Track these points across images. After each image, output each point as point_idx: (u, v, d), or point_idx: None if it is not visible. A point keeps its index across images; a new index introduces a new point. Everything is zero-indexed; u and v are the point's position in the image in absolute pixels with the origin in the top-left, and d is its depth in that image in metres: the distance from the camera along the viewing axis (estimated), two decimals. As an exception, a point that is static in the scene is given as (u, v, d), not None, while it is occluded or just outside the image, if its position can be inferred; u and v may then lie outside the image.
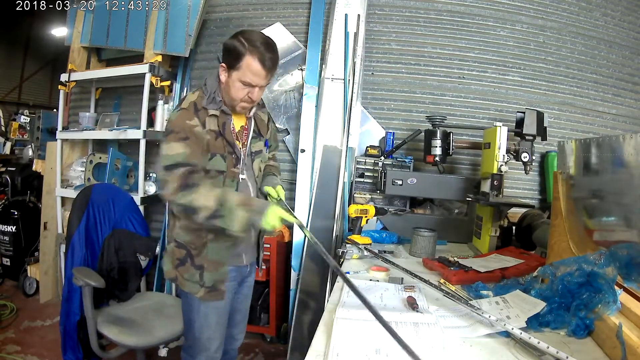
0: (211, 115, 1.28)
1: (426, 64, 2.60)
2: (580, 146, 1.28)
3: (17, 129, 4.94)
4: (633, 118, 2.64)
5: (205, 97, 1.29)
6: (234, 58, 1.23)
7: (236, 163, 1.34)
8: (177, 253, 1.35)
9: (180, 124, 1.23)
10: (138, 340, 1.61)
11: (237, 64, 1.22)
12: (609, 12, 2.60)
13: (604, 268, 1.00)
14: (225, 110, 1.31)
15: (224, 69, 1.27)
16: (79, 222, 1.76)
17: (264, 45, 1.23)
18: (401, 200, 2.28)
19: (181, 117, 1.25)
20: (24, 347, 2.30)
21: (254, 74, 1.23)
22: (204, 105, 1.28)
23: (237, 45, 1.22)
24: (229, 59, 1.25)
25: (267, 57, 1.23)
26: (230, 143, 1.32)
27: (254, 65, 1.22)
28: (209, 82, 1.32)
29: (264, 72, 1.24)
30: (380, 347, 0.88)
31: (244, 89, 1.26)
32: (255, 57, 1.21)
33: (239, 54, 1.22)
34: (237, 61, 1.22)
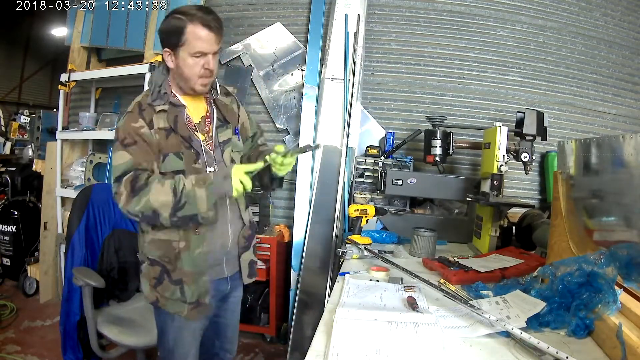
0: (159, 111, 1.19)
1: (426, 64, 2.60)
2: (580, 146, 1.28)
3: (17, 129, 4.94)
4: (633, 118, 2.64)
5: (150, 94, 1.21)
6: (175, 35, 1.15)
7: (197, 158, 1.22)
8: (152, 272, 1.23)
9: (125, 129, 1.15)
10: (138, 340, 1.61)
11: (181, 39, 1.14)
12: (609, 12, 2.60)
13: (604, 268, 1.00)
14: (174, 102, 1.21)
15: (168, 53, 1.18)
16: (79, 222, 1.76)
17: (201, 10, 1.16)
18: (401, 200, 2.28)
19: (126, 121, 1.17)
20: (24, 347, 2.30)
21: (203, 40, 1.14)
22: (149, 103, 1.19)
23: (173, 22, 1.15)
24: (171, 39, 1.16)
25: (210, 19, 1.15)
26: (185, 138, 1.21)
27: (199, 31, 1.14)
28: (154, 78, 1.24)
29: (212, 34, 1.15)
30: (380, 347, 0.87)
31: (198, 62, 1.16)
32: (198, 23, 1.13)
33: (178, 28, 1.14)
34: (180, 36, 1.14)
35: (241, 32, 2.74)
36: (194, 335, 1.30)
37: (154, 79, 1.24)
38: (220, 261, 1.30)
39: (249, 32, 2.72)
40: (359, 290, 1.24)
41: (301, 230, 2.37)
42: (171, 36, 1.16)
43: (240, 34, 2.73)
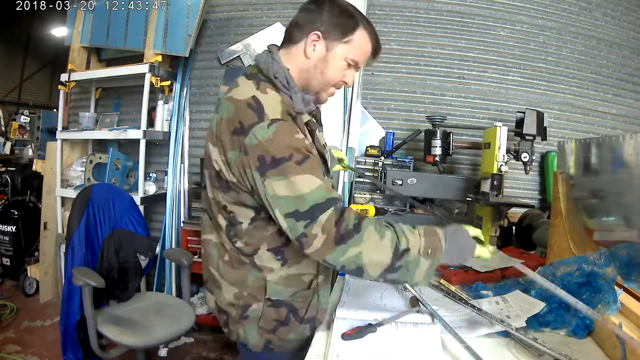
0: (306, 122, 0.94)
1: (426, 64, 2.60)
2: (580, 146, 1.28)
3: (17, 129, 4.94)
4: (633, 118, 2.64)
5: (295, 97, 0.92)
6: (345, 27, 0.93)
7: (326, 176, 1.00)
8: (273, 314, 0.97)
9: (289, 143, 0.84)
10: (138, 340, 1.61)
11: (349, 36, 0.94)
12: (609, 12, 2.60)
13: (604, 268, 1.00)
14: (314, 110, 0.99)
15: (317, 38, 0.93)
16: (79, 222, 1.76)
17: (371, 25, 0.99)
18: (401, 200, 2.28)
19: (283, 132, 0.84)
20: (24, 347, 2.29)
21: (366, 54, 0.97)
22: (299, 110, 0.92)
23: (350, 10, 0.94)
24: (336, 26, 0.93)
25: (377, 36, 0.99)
26: (321, 154, 0.97)
27: (368, 42, 0.96)
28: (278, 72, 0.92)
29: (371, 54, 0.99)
30: (380, 348, 0.87)
31: (346, 69, 0.97)
32: (371, 33, 0.96)
33: (353, 22, 0.94)
34: (350, 32, 0.93)
35: (241, 32, 2.74)
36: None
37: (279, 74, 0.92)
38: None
39: (249, 32, 2.72)
40: (359, 290, 1.24)
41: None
42: (339, 23, 0.93)
43: (240, 34, 2.73)
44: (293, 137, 0.85)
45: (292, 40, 0.97)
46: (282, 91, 0.92)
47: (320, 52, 0.94)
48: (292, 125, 0.87)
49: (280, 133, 0.84)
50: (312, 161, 0.85)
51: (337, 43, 0.94)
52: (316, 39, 0.93)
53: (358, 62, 0.97)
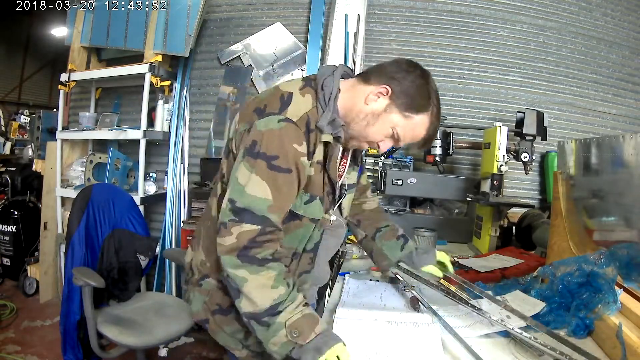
0: (323, 141, 0.92)
1: (426, 64, 2.57)
2: (580, 146, 1.28)
3: (17, 129, 4.94)
4: (633, 118, 2.64)
5: (324, 113, 0.90)
6: (414, 102, 0.91)
7: (329, 207, 1.01)
8: (218, 298, 0.99)
9: (283, 145, 0.84)
10: (138, 340, 1.61)
11: (411, 113, 0.91)
12: (609, 12, 2.60)
13: (604, 268, 1.00)
14: (341, 136, 0.93)
15: (384, 94, 0.91)
16: (78, 222, 1.76)
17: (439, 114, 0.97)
18: (401, 200, 2.28)
19: (287, 133, 0.85)
20: (24, 347, 2.29)
21: (413, 138, 0.95)
22: (320, 126, 0.89)
23: (429, 91, 0.93)
24: (406, 96, 0.90)
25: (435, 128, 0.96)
26: (332, 180, 0.97)
27: (422, 130, 0.94)
28: (327, 85, 0.92)
29: (421, 140, 0.96)
30: (380, 348, 0.88)
31: (387, 137, 0.94)
32: (430, 123, 0.94)
33: (423, 103, 0.92)
34: (414, 110, 0.91)
35: (241, 32, 2.74)
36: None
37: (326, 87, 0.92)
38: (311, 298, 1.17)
39: (249, 32, 2.72)
40: (359, 290, 1.24)
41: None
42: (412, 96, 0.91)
43: (240, 34, 2.73)
44: (290, 145, 0.85)
45: (365, 79, 0.95)
46: (320, 103, 0.91)
47: (378, 106, 0.92)
48: (299, 133, 0.86)
49: (283, 133, 0.85)
50: (285, 176, 0.85)
51: (397, 110, 0.92)
52: (384, 93, 0.92)
53: (402, 139, 0.95)
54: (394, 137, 0.94)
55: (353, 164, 1.10)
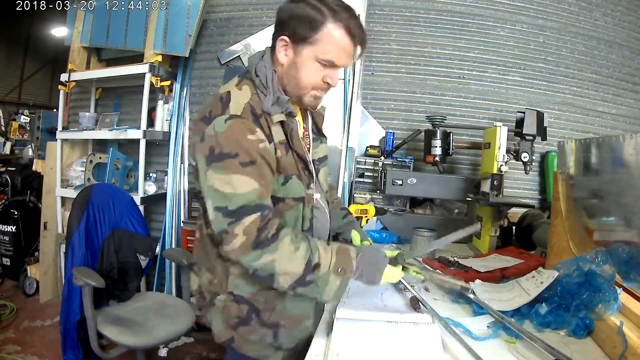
0: (277, 122, 0.93)
1: (426, 64, 2.60)
2: (580, 146, 1.28)
3: (17, 129, 4.95)
4: (633, 118, 2.64)
5: (264, 96, 0.92)
6: (307, 26, 0.88)
7: (309, 182, 1.00)
8: (234, 310, 0.97)
9: (239, 141, 0.86)
10: (138, 340, 1.61)
11: (313, 35, 0.88)
12: (609, 12, 2.60)
13: (602, 266, 1.00)
14: (292, 111, 0.95)
15: (285, 44, 0.92)
16: (78, 222, 1.76)
17: (347, 11, 0.90)
18: (401, 200, 2.28)
19: (237, 129, 0.86)
20: (24, 347, 2.30)
21: (340, 50, 0.90)
22: (266, 109, 0.91)
23: (310, 10, 0.88)
24: (299, 28, 0.89)
25: (358, 30, 0.91)
26: (301, 156, 0.97)
27: (342, 37, 0.89)
28: (260, 70, 0.94)
29: (351, 47, 0.91)
30: (380, 348, 0.87)
31: (321, 71, 0.92)
32: (342, 27, 0.88)
33: (316, 21, 0.88)
34: (314, 31, 0.88)
35: (241, 32, 2.74)
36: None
37: (261, 73, 0.94)
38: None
39: (249, 32, 2.72)
40: (359, 290, 1.24)
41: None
42: (300, 25, 0.89)
43: (240, 34, 2.73)
44: (244, 137, 0.86)
45: (273, 46, 0.97)
46: (259, 89, 0.93)
47: (290, 57, 0.93)
48: (248, 124, 0.88)
49: (233, 130, 0.86)
50: (256, 166, 0.87)
51: (303, 45, 0.91)
52: (284, 44, 0.93)
53: (333, 60, 0.92)
54: (326, 66, 0.93)
55: (318, 137, 1.10)
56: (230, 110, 0.89)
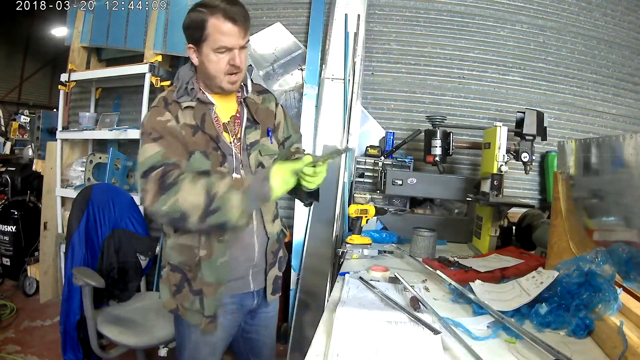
0: (185, 107, 1.12)
1: (426, 64, 2.60)
2: (580, 146, 1.28)
3: (17, 129, 4.96)
4: (633, 118, 2.64)
5: (176, 90, 1.14)
6: (197, 29, 1.07)
7: (223, 160, 1.13)
8: (172, 278, 1.16)
9: (150, 123, 1.08)
10: (138, 340, 1.61)
11: (203, 34, 1.06)
12: (609, 12, 2.60)
13: (602, 266, 1.00)
14: (202, 98, 1.14)
15: (193, 49, 1.11)
16: (78, 222, 1.76)
17: (224, 1, 1.07)
18: (401, 200, 2.28)
19: (152, 115, 1.10)
20: (24, 347, 2.30)
21: (225, 34, 1.06)
22: (175, 99, 1.12)
23: (194, 15, 1.08)
24: (193, 34, 1.09)
25: (233, 11, 1.06)
26: (213, 137, 1.12)
27: (221, 24, 1.05)
28: (180, 74, 1.17)
29: (235, 28, 1.06)
30: (380, 348, 0.87)
31: (223, 58, 1.09)
32: (220, 15, 1.05)
33: (200, 22, 1.06)
34: (202, 30, 1.06)
35: (241, 32, 2.73)
36: (213, 350, 1.23)
37: (180, 75, 1.17)
38: (245, 274, 1.21)
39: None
40: (359, 290, 1.24)
41: (301, 230, 2.37)
42: (193, 31, 1.08)
43: (240, 34, 2.73)
44: (155, 119, 1.09)
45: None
46: (175, 85, 1.17)
47: (199, 59, 1.12)
48: (159, 109, 1.11)
49: (150, 115, 1.11)
50: (164, 139, 1.06)
51: (201, 45, 1.09)
52: (192, 50, 1.12)
53: (225, 45, 1.07)
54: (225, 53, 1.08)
55: (254, 124, 1.22)
56: (153, 103, 1.15)
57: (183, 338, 1.23)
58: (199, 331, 1.17)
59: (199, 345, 1.20)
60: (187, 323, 1.18)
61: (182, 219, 0.99)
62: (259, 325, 1.34)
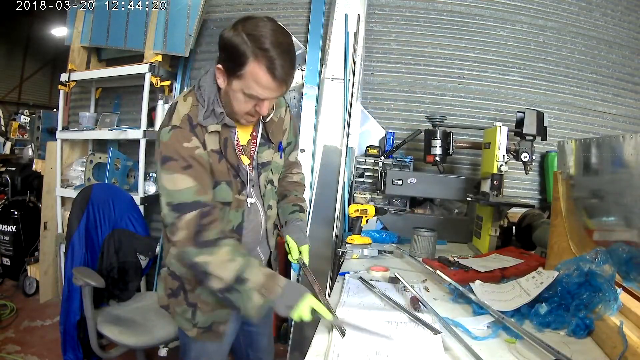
0: (211, 132, 1.02)
1: (426, 64, 2.60)
2: (580, 146, 1.29)
3: (17, 128, 4.96)
4: (633, 118, 2.64)
5: (201, 109, 1.01)
6: (234, 62, 0.93)
7: (241, 189, 1.10)
8: (169, 282, 1.16)
9: (177, 149, 0.97)
10: (138, 340, 1.61)
11: (239, 71, 0.93)
12: (609, 12, 2.60)
13: (602, 266, 1.00)
14: (228, 123, 1.04)
15: (221, 72, 0.98)
16: (78, 222, 1.76)
17: (276, 46, 0.91)
18: (401, 200, 2.28)
19: (176, 138, 0.98)
20: (24, 347, 2.30)
21: (262, 87, 0.94)
22: (201, 122, 1.01)
23: (236, 41, 0.92)
24: (227, 61, 0.95)
25: (280, 65, 0.92)
26: (233, 166, 1.07)
27: (262, 76, 0.92)
28: (205, 87, 1.03)
29: (274, 84, 0.94)
30: (381, 348, 0.87)
31: (250, 102, 0.98)
32: (263, 65, 0.91)
33: (239, 56, 0.92)
34: (239, 67, 0.93)
35: (241, 32, 2.73)
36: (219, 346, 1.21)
37: (206, 91, 1.02)
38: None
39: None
40: (359, 290, 1.24)
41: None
42: (229, 58, 0.95)
43: (240, 34, 2.73)
44: (181, 145, 0.98)
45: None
46: (199, 101, 1.03)
47: (225, 84, 1.00)
48: (185, 133, 1.00)
49: (174, 138, 0.99)
50: (193, 169, 0.98)
51: (232, 78, 0.97)
52: (220, 72, 0.99)
53: (257, 95, 0.96)
54: (252, 98, 0.98)
55: (267, 142, 1.17)
56: (172, 121, 1.01)
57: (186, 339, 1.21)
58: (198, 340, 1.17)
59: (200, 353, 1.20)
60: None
61: (203, 278, 1.00)
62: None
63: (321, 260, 2.23)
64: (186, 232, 0.97)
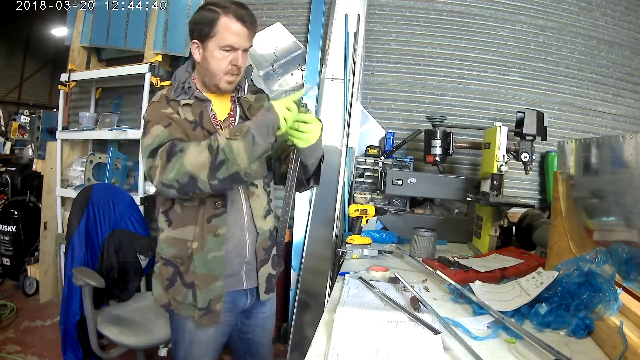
0: (184, 105, 1.16)
1: (426, 64, 2.60)
2: (580, 146, 1.29)
3: (17, 129, 4.95)
4: (633, 118, 2.64)
5: (173, 90, 1.18)
6: (206, 25, 1.11)
7: None
8: (165, 272, 1.18)
9: (156, 113, 1.12)
10: (138, 340, 1.61)
11: (212, 31, 1.11)
12: (609, 12, 2.60)
13: (602, 266, 1.00)
14: (199, 96, 1.18)
15: (197, 45, 1.15)
16: (78, 222, 1.76)
17: (236, 4, 1.13)
18: (401, 200, 2.28)
19: (155, 107, 1.14)
20: (24, 347, 2.30)
21: (234, 34, 1.11)
22: (173, 97, 1.17)
23: (206, 12, 1.12)
24: (201, 30, 1.12)
25: (244, 14, 1.12)
26: (210, 132, 1.15)
27: (232, 24, 1.10)
28: (177, 74, 1.21)
29: (244, 29, 1.12)
30: (380, 347, 0.87)
31: (226, 56, 1.13)
32: (231, 15, 1.10)
33: (211, 19, 1.11)
34: (212, 27, 1.10)
35: (241, 32, 2.73)
36: (206, 346, 1.22)
37: (178, 76, 1.20)
38: (237, 272, 1.20)
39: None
40: (359, 290, 1.24)
41: (301, 230, 2.37)
42: (202, 27, 1.12)
43: (240, 34, 2.73)
44: (160, 111, 1.13)
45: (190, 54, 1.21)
46: (172, 85, 1.20)
47: (201, 54, 1.15)
48: (161, 104, 1.15)
49: (154, 107, 1.15)
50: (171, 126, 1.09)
51: (207, 40, 1.12)
52: (196, 46, 1.16)
53: (232, 44, 1.12)
54: (229, 52, 1.13)
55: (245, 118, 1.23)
56: (152, 100, 1.19)
57: (177, 335, 1.23)
58: (193, 328, 1.19)
59: (192, 343, 1.21)
60: (181, 321, 1.20)
61: (192, 182, 0.99)
62: (255, 326, 1.34)
63: (321, 260, 2.24)
64: (161, 162, 1.02)
